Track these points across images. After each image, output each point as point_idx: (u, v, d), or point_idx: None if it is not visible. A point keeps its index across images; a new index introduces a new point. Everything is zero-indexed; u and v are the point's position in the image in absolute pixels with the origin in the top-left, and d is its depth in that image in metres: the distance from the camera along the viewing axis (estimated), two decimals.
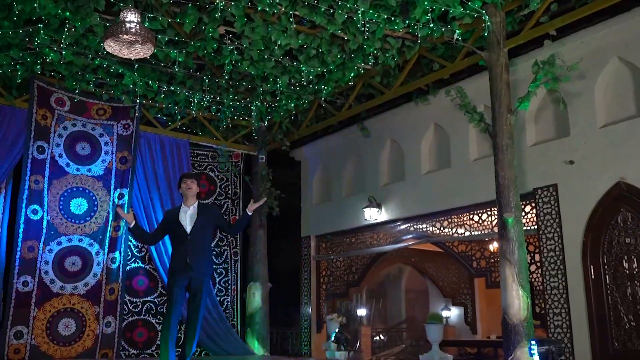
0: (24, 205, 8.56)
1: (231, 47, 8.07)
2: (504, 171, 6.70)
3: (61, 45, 7.86)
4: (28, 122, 8.73)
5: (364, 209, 10.01)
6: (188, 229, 5.86)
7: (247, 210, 6.11)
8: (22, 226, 8.50)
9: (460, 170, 8.87)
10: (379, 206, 9.98)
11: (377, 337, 14.22)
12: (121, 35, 6.39)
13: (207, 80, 8.91)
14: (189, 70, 8.78)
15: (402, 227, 9.74)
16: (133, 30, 6.30)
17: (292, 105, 9.73)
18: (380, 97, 9.05)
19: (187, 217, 5.95)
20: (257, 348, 10.10)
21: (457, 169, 8.95)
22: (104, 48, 6.54)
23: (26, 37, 7.59)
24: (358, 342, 11.76)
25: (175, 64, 8.23)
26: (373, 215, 9.93)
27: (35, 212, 8.65)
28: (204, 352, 9.67)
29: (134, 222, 6.00)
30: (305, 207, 11.71)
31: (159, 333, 5.90)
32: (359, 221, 10.30)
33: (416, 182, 9.53)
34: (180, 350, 5.99)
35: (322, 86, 9.20)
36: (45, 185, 8.80)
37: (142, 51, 6.70)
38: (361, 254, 10.53)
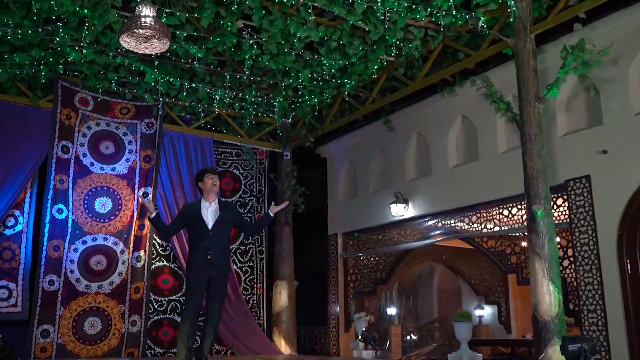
0: (49, 204, 8.60)
1: (251, 42, 7.96)
2: (533, 162, 6.42)
3: (82, 44, 7.87)
4: (52, 122, 8.77)
5: (391, 205, 9.79)
6: (210, 225, 5.80)
7: (269, 211, 6.02)
8: (47, 225, 8.54)
9: (489, 163, 8.59)
10: (405, 202, 9.76)
11: (409, 337, 13.99)
12: (136, 30, 6.34)
13: (227, 77, 8.81)
14: (209, 67, 8.70)
15: (430, 223, 9.50)
16: (148, 24, 6.24)
17: (316, 100, 9.58)
18: (405, 89, 8.83)
19: (209, 213, 5.88)
20: (284, 347, 9.97)
21: (485, 162, 8.67)
22: (123, 45, 6.48)
23: (47, 36, 7.60)
24: (388, 342, 11.54)
25: (195, 60, 8.15)
26: (400, 211, 9.71)
27: (60, 211, 8.68)
28: (229, 351, 9.59)
29: (155, 212, 5.88)
30: (332, 204, 11.55)
31: (179, 331, 5.76)
32: (386, 218, 10.09)
33: (443, 176, 9.28)
34: (196, 347, 5.86)
35: (345, 80, 9.03)
36: (70, 185, 8.83)
37: (158, 46, 6.63)
38: (388, 251, 10.32)
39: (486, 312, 13.57)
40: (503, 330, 12.75)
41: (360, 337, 9.26)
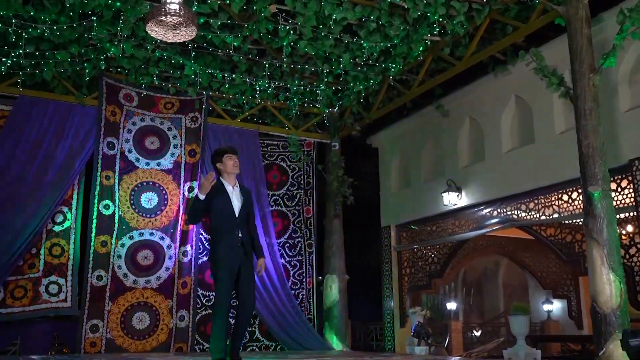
0: (95, 200, 8.66)
1: (287, 27, 7.71)
2: (588, 139, 5.87)
3: (119, 39, 7.87)
4: (98, 118, 8.84)
5: (442, 194, 9.31)
6: (236, 210, 5.32)
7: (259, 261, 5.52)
8: (94, 221, 8.60)
9: (546, 146, 7.97)
10: (458, 190, 9.25)
11: (472, 333, 13.40)
12: (163, 18, 6.22)
13: (267, 66, 8.60)
14: (248, 56, 8.52)
15: (485, 211, 8.96)
16: (174, 11, 6.11)
17: (361, 87, 9.23)
18: (452, 69, 8.33)
19: (234, 196, 5.42)
20: (335, 343, 9.69)
21: (541, 144, 8.06)
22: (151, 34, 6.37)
23: (84, 32, 7.62)
24: (447, 338, 11.04)
25: (232, 49, 7.98)
26: (452, 200, 9.22)
27: (107, 207, 8.73)
28: (279, 347, 9.40)
29: (205, 195, 5.22)
30: (385, 195, 11.15)
31: (213, 327, 5.41)
32: (439, 208, 9.61)
33: (497, 161, 8.72)
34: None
35: (390, 64, 8.64)
36: (116, 181, 8.87)
37: (186, 34, 6.49)
38: (442, 242, 9.83)
39: (555, 307, 12.80)
40: (574, 326, 11.96)
41: (413, 332, 8.85)
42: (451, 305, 11.90)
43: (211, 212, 5.37)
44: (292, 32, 7.76)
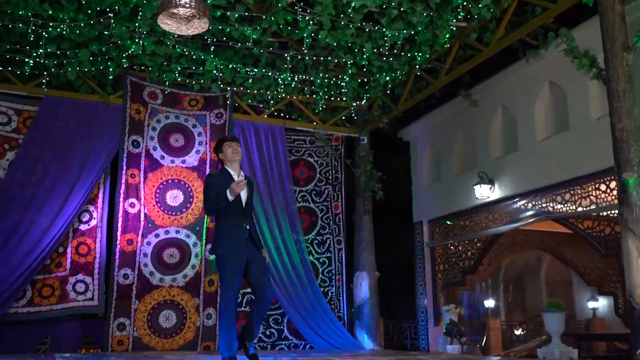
0: (121, 199, 8.65)
1: (307, 18, 7.51)
2: (622, 122, 5.48)
3: (140, 36, 7.82)
4: (122, 117, 8.83)
5: (474, 187, 8.95)
6: (244, 201, 5.14)
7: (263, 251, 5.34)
8: (120, 220, 8.60)
9: (581, 133, 7.54)
10: (491, 182, 8.87)
11: (515, 331, 12.95)
12: (175, 10, 6.11)
13: (289, 58, 8.42)
14: (269, 48, 8.36)
15: (519, 204, 8.57)
16: (184, 2, 5.99)
17: (387, 78, 8.96)
18: (479, 55, 7.97)
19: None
20: (366, 342, 9.43)
21: (577, 131, 7.63)
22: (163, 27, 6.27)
23: (103, 29, 7.60)
24: (484, 337, 10.66)
25: (250, 42, 7.84)
26: (485, 192, 8.85)
27: (132, 205, 8.72)
28: (308, 346, 9.20)
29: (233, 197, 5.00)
30: (416, 190, 10.82)
31: (221, 322, 5.27)
32: (471, 201, 9.24)
33: (531, 151, 8.31)
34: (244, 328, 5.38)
35: (416, 53, 8.35)
36: (141, 179, 8.84)
37: (200, 26, 6.37)
38: (475, 237, 9.46)
39: (601, 304, 12.26)
40: (621, 324, 11.36)
41: (444, 330, 8.53)
42: (489, 303, 11.48)
43: None
44: (311, 22, 7.56)
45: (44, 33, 7.42)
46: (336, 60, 8.59)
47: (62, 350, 8.19)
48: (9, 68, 8.13)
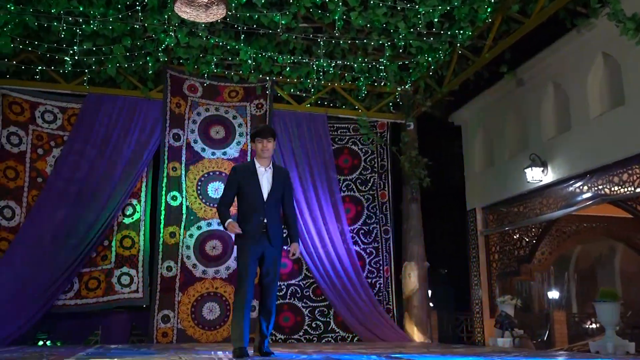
0: (163, 192, 8.73)
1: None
2: None
3: (173, 28, 7.83)
4: (163, 111, 8.91)
5: (525, 170, 8.41)
6: (265, 194, 5.09)
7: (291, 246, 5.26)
8: (162, 213, 8.67)
9: (638, 107, 6.89)
10: (543, 165, 8.31)
11: (584, 325, 12.18)
12: None
13: (322, 44, 8.19)
14: (302, 35, 8.17)
15: (574, 186, 7.97)
16: None
17: (429, 59, 8.56)
18: (521, 28, 7.44)
19: (264, 179, 5.19)
20: (416, 334, 9.09)
21: (633, 104, 6.98)
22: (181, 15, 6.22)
23: (134, 23, 7.65)
24: (547, 330, 10.04)
25: (281, 29, 7.67)
26: (537, 176, 8.30)
27: (174, 198, 8.78)
28: (355, 339, 8.96)
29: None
30: (469, 176, 10.33)
31: (232, 311, 5.24)
32: (524, 186, 8.70)
33: (585, 129, 7.70)
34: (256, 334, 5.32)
35: (456, 31, 7.93)
36: (183, 172, 8.89)
37: (218, 12, 6.29)
38: (530, 223, 8.90)
39: None
40: None
41: (495, 322, 8.07)
42: (553, 294, 10.82)
43: (240, 194, 5.18)
44: (340, 3, 7.30)
45: (78, 31, 7.54)
46: (372, 43, 8.28)
47: (112, 342, 8.36)
48: (52, 67, 8.36)
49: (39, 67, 8.29)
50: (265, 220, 5.04)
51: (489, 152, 9.94)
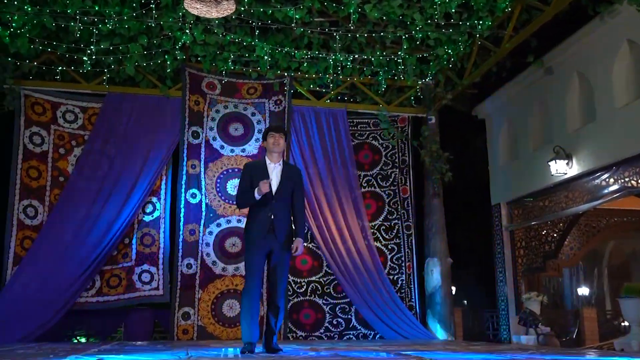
0: (182, 190, 8.76)
1: None
2: None
3: (188, 25, 7.84)
4: (182, 109, 8.93)
5: (549, 163, 8.18)
6: (274, 189, 5.14)
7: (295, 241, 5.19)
8: (182, 210, 8.70)
9: None
10: (568, 157, 8.07)
11: (617, 322, 11.82)
12: None
13: (337, 37, 8.09)
14: (317, 28, 8.09)
15: (600, 179, 7.72)
16: None
17: (449, 51, 8.39)
18: (541, 16, 7.22)
19: (273, 175, 5.23)
20: (439, 332, 8.94)
21: None
22: (192, 12, 6.21)
23: (149, 21, 7.68)
24: (576, 328, 9.75)
25: (294, 22, 7.60)
26: (561, 169, 8.07)
27: (194, 195, 8.80)
28: (378, 336, 8.86)
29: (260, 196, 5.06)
30: (494, 170, 10.12)
31: (240, 308, 5.26)
32: (549, 179, 8.46)
33: (610, 120, 7.44)
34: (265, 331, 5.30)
35: (475, 21, 7.75)
36: (202, 169, 8.90)
37: (228, 8, 6.25)
38: (554, 218, 8.66)
39: None
40: None
41: (518, 319, 7.87)
42: (582, 291, 10.52)
43: (251, 189, 5.20)
44: None
45: (94, 30, 7.61)
46: (389, 36, 8.15)
47: (135, 339, 8.42)
48: (72, 67, 8.46)
49: (59, 68, 8.40)
50: (272, 216, 5.08)
51: (514, 145, 9.72)
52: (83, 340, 8.92)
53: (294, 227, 5.30)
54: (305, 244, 9.16)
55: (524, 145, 9.30)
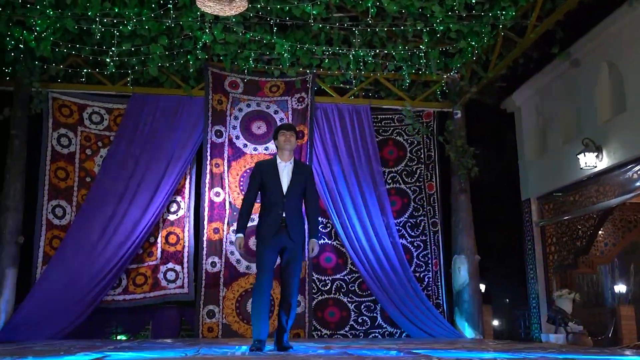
0: (206, 188, 8.81)
1: None
2: None
3: (208, 25, 7.87)
4: (205, 108, 8.97)
5: (578, 156, 7.92)
6: (285, 188, 5.20)
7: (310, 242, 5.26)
8: (206, 209, 8.75)
9: None
10: (598, 150, 7.79)
11: None
12: None
13: (356, 32, 8.00)
14: (336, 24, 8.01)
15: (631, 172, 7.43)
16: None
17: (473, 43, 8.20)
18: (565, 4, 6.98)
19: (284, 173, 5.28)
20: (467, 330, 8.76)
21: None
22: (205, 10, 6.22)
23: (170, 22, 7.73)
24: (611, 327, 9.42)
25: (311, 18, 7.55)
26: (590, 161, 7.80)
27: (217, 194, 8.83)
28: (404, 334, 8.74)
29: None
30: (524, 165, 9.86)
31: (251, 305, 5.28)
32: (578, 173, 8.20)
33: None
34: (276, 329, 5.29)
35: (498, 11, 7.56)
36: (225, 168, 8.93)
37: (241, 5, 6.24)
38: (585, 213, 8.38)
39: None
40: None
41: (547, 317, 7.63)
42: (619, 288, 10.15)
43: (262, 188, 5.32)
44: None
45: (115, 32, 7.71)
46: (410, 30, 8.02)
47: (163, 336, 8.52)
48: (97, 70, 8.60)
49: (85, 70, 8.54)
50: (284, 214, 5.10)
51: (543, 139, 9.46)
52: (123, 337, 9.09)
53: (307, 227, 5.29)
54: (329, 242, 9.11)
55: (554, 138, 9.04)
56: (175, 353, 4.62)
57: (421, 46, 8.30)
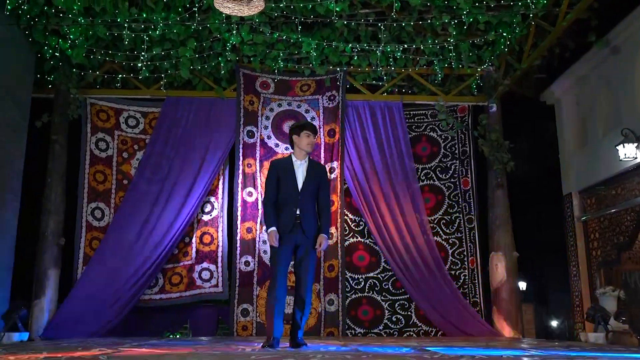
0: (239, 188, 8.91)
1: None
2: None
3: (236, 26, 7.96)
4: (237, 109, 9.08)
5: (617, 147, 7.59)
6: (300, 186, 5.25)
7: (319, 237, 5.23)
8: (239, 209, 8.84)
9: None
10: (638, 140, 7.45)
11: None
12: None
13: (381, 28, 7.92)
14: (362, 20, 7.96)
15: None
16: None
17: (504, 34, 7.99)
18: None
19: (299, 172, 5.33)
20: (506, 329, 8.52)
21: None
22: (223, 11, 6.29)
23: (197, 24, 7.85)
24: None
25: (334, 15, 7.52)
26: (630, 152, 7.46)
27: (250, 194, 8.92)
28: (439, 333, 8.59)
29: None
30: (564, 159, 9.52)
31: (266, 303, 5.32)
32: (618, 165, 7.86)
33: None
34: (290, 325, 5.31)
35: (528, 1, 7.34)
36: (257, 168, 9.00)
37: (259, 5, 6.28)
38: (628, 206, 8.01)
39: None
40: None
41: (585, 315, 7.34)
42: None
43: (278, 186, 5.38)
44: None
45: (145, 37, 7.89)
46: (437, 23, 7.88)
47: (201, 334, 8.68)
48: (132, 75, 8.83)
49: (120, 76, 8.79)
50: (298, 212, 5.15)
51: (583, 131, 9.11)
52: (178, 336, 9.29)
53: (319, 222, 5.29)
54: (362, 240, 9.05)
55: (594, 130, 8.70)
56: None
57: (450, 39, 8.13)
